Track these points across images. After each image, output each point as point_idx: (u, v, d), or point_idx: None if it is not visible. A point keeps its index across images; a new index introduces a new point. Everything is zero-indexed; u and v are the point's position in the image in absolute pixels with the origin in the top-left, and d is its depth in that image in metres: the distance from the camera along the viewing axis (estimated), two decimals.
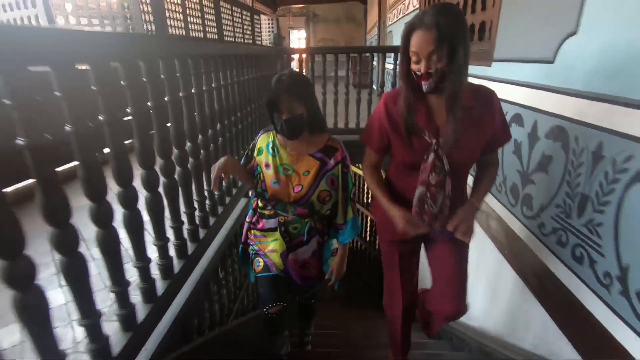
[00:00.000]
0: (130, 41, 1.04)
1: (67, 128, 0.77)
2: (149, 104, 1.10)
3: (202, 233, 1.52)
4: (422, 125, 1.04)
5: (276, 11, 10.57)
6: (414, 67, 0.97)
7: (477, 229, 1.72)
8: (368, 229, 5.30)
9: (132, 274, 1.03)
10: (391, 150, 1.19)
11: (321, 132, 1.28)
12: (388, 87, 4.21)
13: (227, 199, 1.87)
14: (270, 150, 1.28)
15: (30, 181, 1.66)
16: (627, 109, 0.88)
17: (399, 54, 1.02)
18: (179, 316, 1.26)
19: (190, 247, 1.39)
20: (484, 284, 1.83)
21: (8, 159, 0.84)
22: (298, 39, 12.44)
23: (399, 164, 1.19)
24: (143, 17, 3.69)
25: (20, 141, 0.65)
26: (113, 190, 0.94)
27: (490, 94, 1.05)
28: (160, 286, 1.16)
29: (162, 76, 1.17)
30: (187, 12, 4.89)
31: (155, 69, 1.12)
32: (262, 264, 1.37)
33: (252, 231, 1.41)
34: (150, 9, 3.76)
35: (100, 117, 0.88)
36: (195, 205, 1.48)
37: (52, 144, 0.69)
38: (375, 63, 4.46)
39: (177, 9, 4.59)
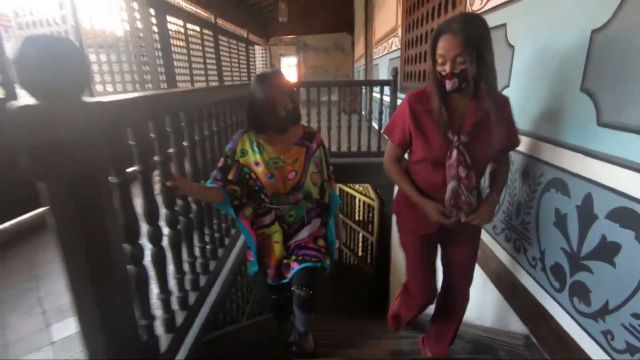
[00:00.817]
0: (160, 100, 1.25)
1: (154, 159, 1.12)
2: (171, 150, 1.31)
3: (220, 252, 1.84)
4: (446, 122, 1.14)
5: (268, 41, 11.22)
6: (439, 68, 1.08)
7: None
8: (360, 244, 5.60)
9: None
10: (411, 147, 1.27)
11: (298, 122, 1.41)
12: (375, 114, 4.66)
13: (227, 240, 1.98)
14: (256, 149, 1.34)
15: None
16: (539, 141, 1.28)
17: (427, 57, 1.14)
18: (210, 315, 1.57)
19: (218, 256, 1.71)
20: None
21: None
22: (288, 65, 13.00)
23: (420, 161, 1.24)
24: (159, 77, 4.17)
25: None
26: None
27: (506, 99, 1.19)
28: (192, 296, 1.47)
29: (168, 129, 1.29)
30: (191, 58, 5.42)
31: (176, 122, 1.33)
32: (263, 271, 1.52)
33: (257, 231, 1.46)
34: (164, 70, 4.27)
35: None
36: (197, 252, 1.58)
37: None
38: (364, 92, 4.96)
39: (183, 58, 5.09)
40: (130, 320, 0.92)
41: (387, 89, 3.71)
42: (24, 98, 0.67)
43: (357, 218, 5.68)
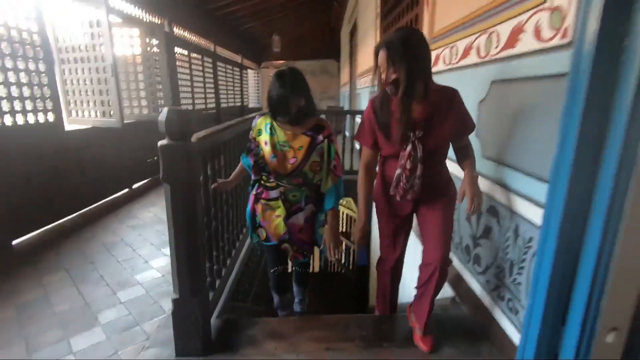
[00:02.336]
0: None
1: None
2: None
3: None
4: (398, 122, 1.30)
5: (260, 65, 11.99)
6: (382, 76, 1.28)
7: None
8: (343, 252, 6.17)
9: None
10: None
11: (313, 116, 1.54)
12: None
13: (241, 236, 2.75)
14: (269, 131, 1.52)
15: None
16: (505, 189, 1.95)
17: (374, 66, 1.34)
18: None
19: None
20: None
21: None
22: None
23: (386, 156, 1.44)
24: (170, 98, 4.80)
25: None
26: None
27: (452, 92, 1.33)
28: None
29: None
30: (193, 82, 6.07)
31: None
32: (264, 234, 1.67)
33: (259, 203, 1.63)
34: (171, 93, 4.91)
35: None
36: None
37: None
38: (348, 116, 5.71)
39: (186, 83, 5.74)
40: (202, 265, 1.49)
41: None
42: (72, 124, 1.29)
43: (340, 229, 6.28)
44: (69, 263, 2.31)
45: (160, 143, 1.27)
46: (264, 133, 1.53)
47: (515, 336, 1.36)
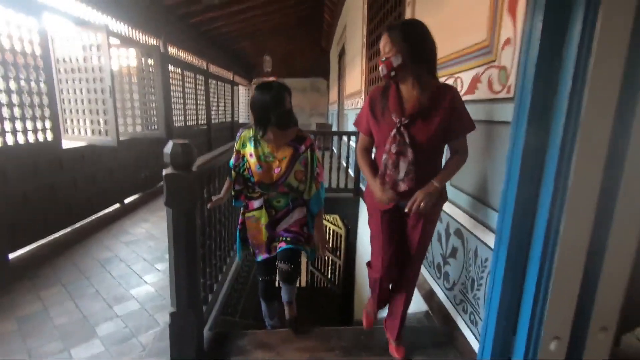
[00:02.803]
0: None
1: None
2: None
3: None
4: (392, 108, 1.33)
5: (251, 81, 12.26)
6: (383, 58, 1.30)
7: None
8: (329, 267, 6.31)
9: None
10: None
11: (294, 126, 1.65)
12: (344, 153, 5.57)
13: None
14: (253, 143, 1.62)
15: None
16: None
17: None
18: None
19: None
20: None
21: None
22: None
23: (378, 146, 1.46)
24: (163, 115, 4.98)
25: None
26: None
27: (449, 88, 1.33)
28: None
29: None
30: (186, 100, 6.26)
31: None
32: (252, 250, 1.80)
33: (246, 218, 1.74)
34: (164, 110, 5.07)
35: None
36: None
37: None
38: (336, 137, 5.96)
39: (179, 101, 5.93)
40: (197, 282, 1.64)
41: (353, 138, 4.64)
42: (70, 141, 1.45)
43: (328, 244, 6.43)
44: (65, 278, 2.41)
45: (165, 172, 1.44)
46: (249, 145, 1.63)
47: (475, 344, 1.55)
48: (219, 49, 8.34)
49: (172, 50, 5.79)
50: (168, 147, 1.43)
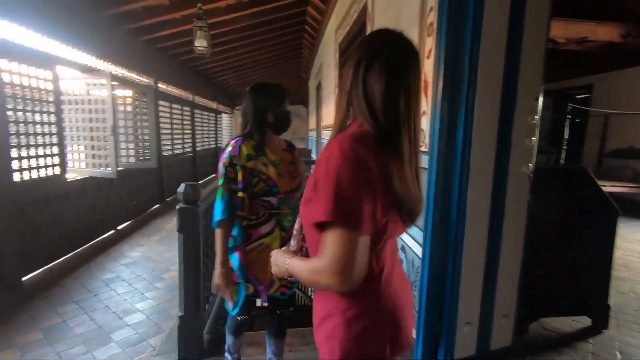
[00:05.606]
0: None
1: None
2: None
3: None
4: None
5: (234, 109, 12.83)
6: None
7: None
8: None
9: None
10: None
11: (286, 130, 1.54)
12: None
13: None
14: (260, 152, 1.43)
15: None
16: None
17: None
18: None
19: None
20: None
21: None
22: None
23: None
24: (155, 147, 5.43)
25: None
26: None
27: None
28: None
29: None
30: (173, 130, 6.71)
31: None
32: (251, 288, 1.47)
33: (249, 251, 1.42)
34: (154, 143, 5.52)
35: None
36: None
37: None
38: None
39: (167, 132, 6.39)
40: (200, 291, 2.08)
41: None
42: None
43: None
44: (76, 296, 2.77)
45: (178, 206, 1.92)
46: (256, 156, 1.42)
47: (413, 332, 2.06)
48: (205, 81, 8.89)
49: (162, 86, 6.29)
50: (181, 188, 1.91)
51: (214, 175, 9.78)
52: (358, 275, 0.67)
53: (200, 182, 8.37)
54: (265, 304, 1.60)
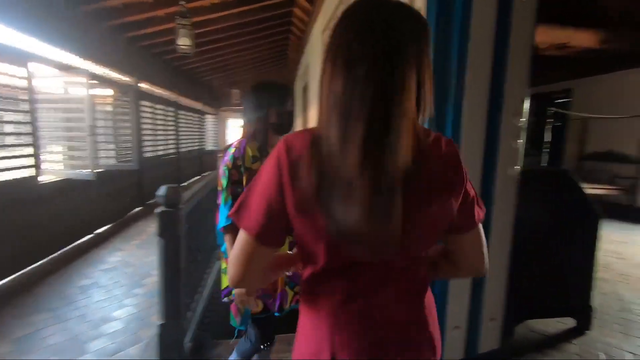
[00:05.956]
0: None
1: None
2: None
3: None
4: None
5: (219, 110, 12.66)
6: None
7: None
8: None
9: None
10: None
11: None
12: None
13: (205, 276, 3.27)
14: (265, 153, 1.34)
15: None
16: None
17: None
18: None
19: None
20: None
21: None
22: (238, 126, 14.40)
23: None
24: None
25: None
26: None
27: None
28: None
29: None
30: (156, 132, 6.55)
31: None
32: (261, 304, 1.36)
33: None
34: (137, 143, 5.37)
35: None
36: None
37: None
38: None
39: (150, 132, 6.23)
40: (181, 298, 2.00)
41: None
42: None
43: None
44: (51, 304, 2.64)
45: (157, 210, 1.84)
46: (262, 159, 1.33)
47: None
48: (189, 81, 8.72)
49: (145, 86, 6.12)
50: (161, 190, 1.83)
51: (197, 177, 9.61)
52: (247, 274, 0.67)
53: (183, 184, 8.21)
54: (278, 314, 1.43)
